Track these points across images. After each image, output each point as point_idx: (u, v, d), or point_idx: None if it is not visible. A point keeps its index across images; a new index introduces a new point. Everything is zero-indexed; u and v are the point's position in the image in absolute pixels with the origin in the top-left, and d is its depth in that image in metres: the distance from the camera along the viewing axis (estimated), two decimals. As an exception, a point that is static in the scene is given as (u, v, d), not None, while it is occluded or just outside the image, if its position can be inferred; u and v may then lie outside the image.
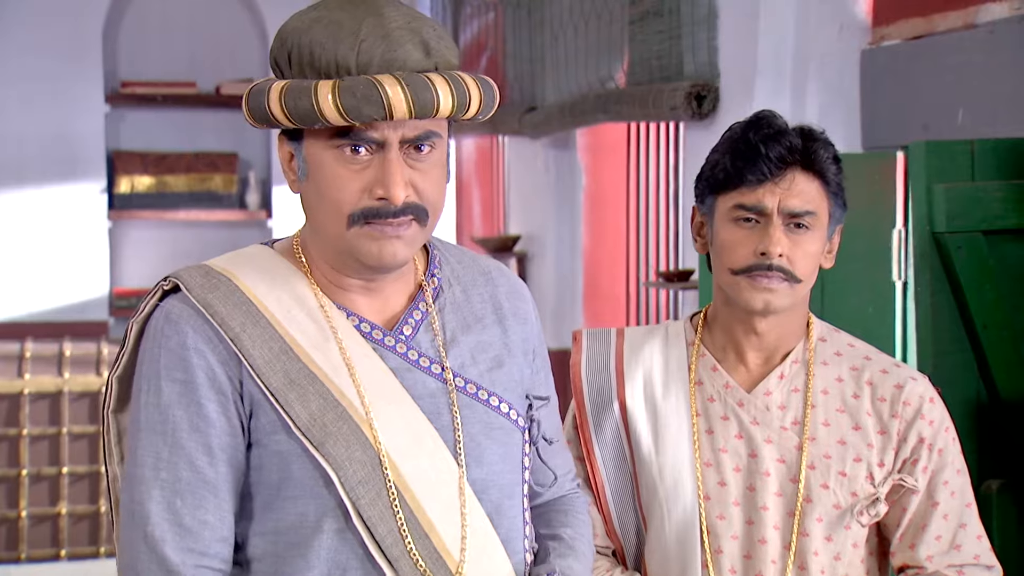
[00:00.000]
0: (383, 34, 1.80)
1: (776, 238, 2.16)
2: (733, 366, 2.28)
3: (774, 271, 2.17)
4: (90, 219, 7.70)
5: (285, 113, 1.80)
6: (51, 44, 7.52)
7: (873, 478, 2.21)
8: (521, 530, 1.96)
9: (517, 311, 2.04)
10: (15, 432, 5.40)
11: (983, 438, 2.90)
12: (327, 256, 1.91)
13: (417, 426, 1.88)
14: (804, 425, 2.22)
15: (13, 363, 5.52)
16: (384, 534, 1.82)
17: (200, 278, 1.90)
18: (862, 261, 3.20)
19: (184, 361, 1.84)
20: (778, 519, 2.21)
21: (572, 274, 5.88)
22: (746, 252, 2.18)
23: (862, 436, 2.22)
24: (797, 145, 2.18)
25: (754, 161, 2.17)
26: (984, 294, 2.86)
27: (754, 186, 2.17)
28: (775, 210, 2.17)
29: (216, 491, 1.84)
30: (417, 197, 1.84)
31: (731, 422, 2.25)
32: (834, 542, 2.21)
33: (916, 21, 3.56)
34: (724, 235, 2.21)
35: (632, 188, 5.42)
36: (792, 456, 2.21)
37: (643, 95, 4.42)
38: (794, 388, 2.25)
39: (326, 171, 1.84)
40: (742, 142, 2.20)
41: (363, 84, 1.77)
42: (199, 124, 7.94)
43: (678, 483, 2.23)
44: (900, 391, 2.23)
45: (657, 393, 2.28)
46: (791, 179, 2.17)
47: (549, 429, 2.06)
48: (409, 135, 1.82)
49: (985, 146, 2.93)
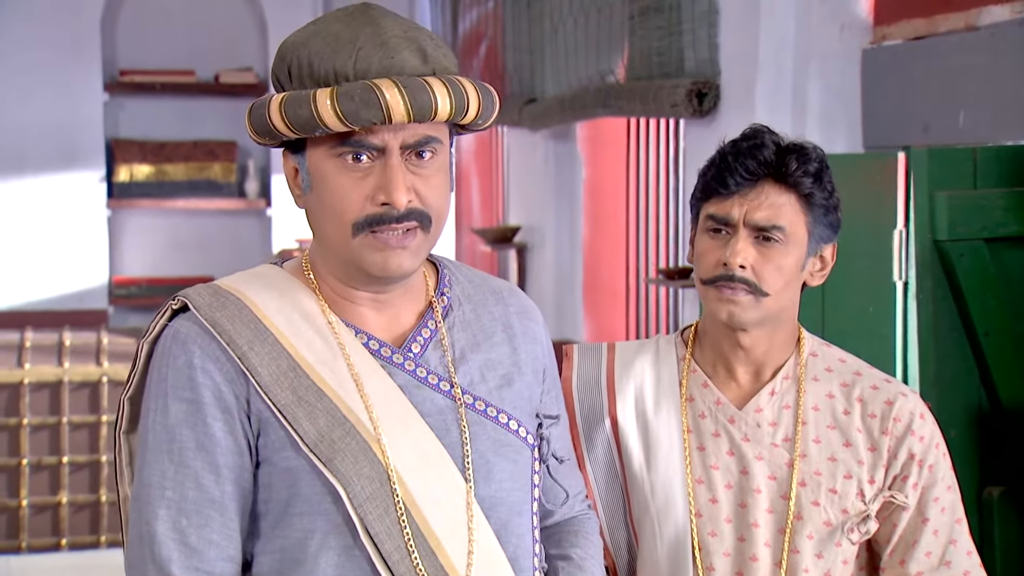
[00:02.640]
0: (380, 42, 1.82)
1: (738, 249, 2.16)
2: (724, 382, 2.28)
3: (737, 283, 2.17)
4: (89, 208, 7.70)
5: (286, 122, 1.82)
6: (50, 33, 7.52)
7: (864, 495, 2.21)
8: (530, 548, 1.97)
9: (527, 330, 2.04)
10: (15, 422, 5.41)
11: (984, 445, 2.90)
12: (334, 269, 1.92)
13: (425, 443, 1.88)
14: (795, 442, 2.23)
15: (13, 353, 5.52)
16: (391, 550, 1.83)
17: (208, 297, 1.91)
18: (863, 261, 3.20)
19: (191, 380, 1.85)
20: (769, 536, 2.21)
21: (571, 265, 5.88)
22: (713, 262, 2.19)
23: (852, 453, 2.22)
24: (769, 159, 2.17)
25: (727, 172, 2.17)
26: (986, 301, 2.86)
27: (724, 197, 2.18)
28: (740, 221, 2.17)
29: (222, 510, 1.85)
30: (420, 203, 1.85)
31: (722, 439, 2.25)
32: (824, 559, 2.21)
33: (917, 22, 3.56)
34: (698, 245, 2.23)
35: (632, 183, 5.42)
36: (783, 473, 2.22)
37: (643, 90, 4.42)
38: (785, 405, 2.25)
39: (328, 181, 1.85)
40: (722, 154, 2.21)
41: (361, 88, 1.79)
42: (198, 112, 7.94)
43: (669, 500, 2.24)
44: (891, 407, 2.22)
45: (648, 409, 2.28)
46: (762, 192, 2.17)
47: (559, 448, 2.06)
48: (409, 141, 1.83)
49: (987, 153, 2.93)
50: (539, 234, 6.17)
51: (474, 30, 7.01)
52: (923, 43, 3.52)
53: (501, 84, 6.38)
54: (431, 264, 2.03)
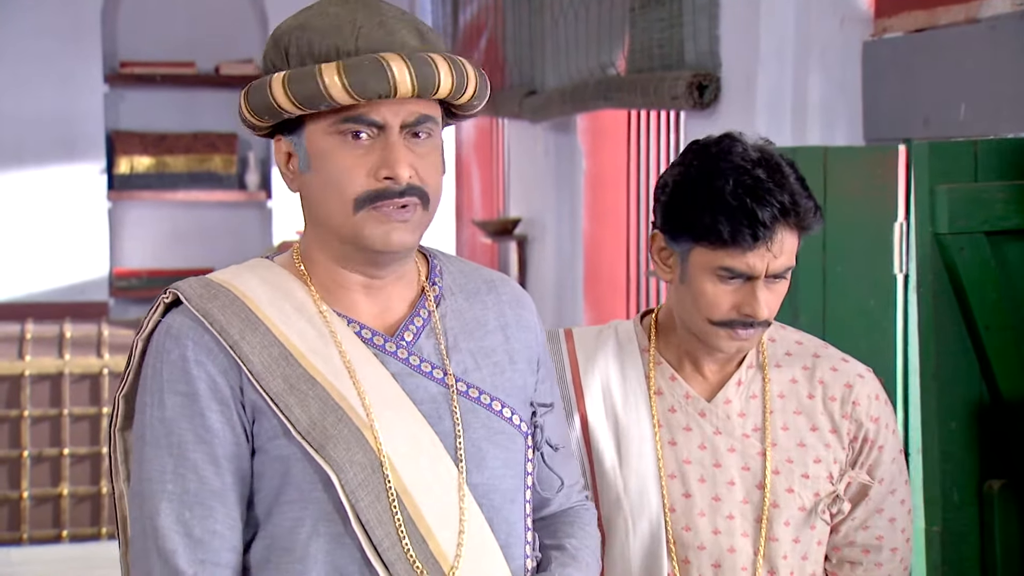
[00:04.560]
0: (379, 22, 1.86)
1: (762, 300, 2.15)
2: (690, 374, 2.29)
3: (758, 326, 2.18)
4: (90, 200, 7.70)
5: (290, 99, 1.83)
6: (50, 24, 7.51)
7: (832, 476, 2.25)
8: (522, 536, 1.98)
9: (520, 319, 2.05)
10: (16, 413, 5.41)
11: (985, 439, 2.90)
12: (330, 252, 1.93)
13: (417, 430, 1.89)
14: (765, 431, 2.25)
15: (14, 345, 5.52)
16: (382, 537, 1.84)
17: (200, 289, 1.92)
18: (863, 254, 3.20)
19: (186, 374, 1.86)
20: (747, 526, 2.23)
21: (572, 258, 5.88)
22: (728, 308, 2.17)
23: (819, 437, 2.26)
24: (787, 204, 2.12)
25: (747, 226, 2.11)
26: (986, 295, 2.86)
27: (744, 249, 2.13)
28: (763, 273, 2.15)
29: (224, 500, 1.86)
30: (419, 180, 1.87)
31: (694, 433, 2.26)
32: (801, 543, 2.24)
33: (918, 14, 3.55)
34: (705, 286, 2.18)
35: (632, 175, 5.42)
36: (756, 463, 2.24)
37: (644, 83, 4.41)
38: (752, 395, 2.27)
39: (329, 158, 1.87)
40: (729, 198, 2.12)
41: (369, 60, 1.81)
42: (198, 104, 7.94)
43: (643, 496, 2.24)
44: (850, 391, 2.27)
45: (617, 404, 2.28)
46: (779, 239, 2.14)
47: (554, 435, 2.07)
48: (408, 119, 1.86)
49: (988, 147, 2.93)
50: (539, 226, 6.17)
51: (474, 22, 7.00)
52: (924, 35, 3.51)
53: (501, 76, 6.38)
54: (422, 255, 2.04)
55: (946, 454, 2.89)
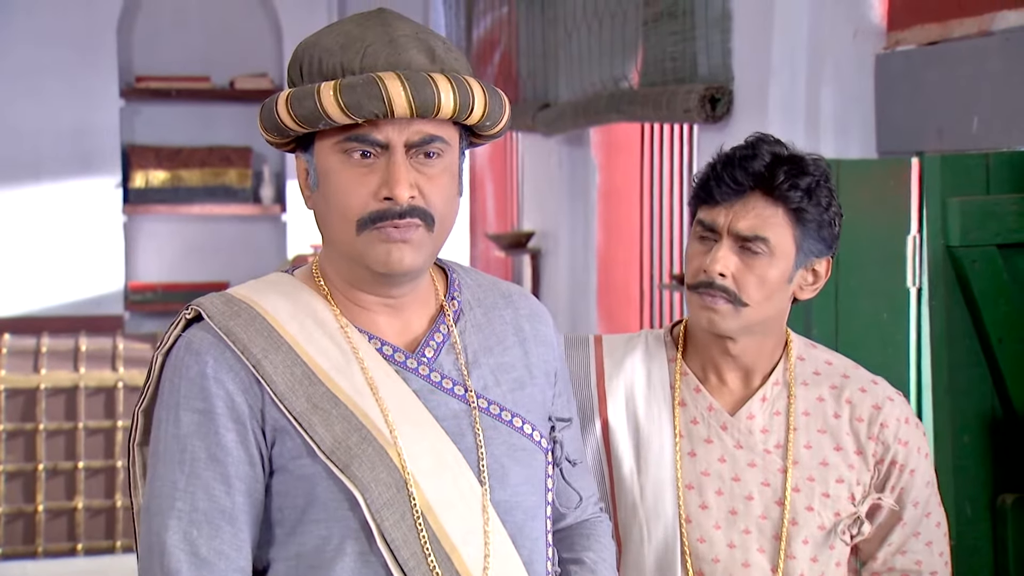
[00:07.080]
0: (389, 40, 1.84)
1: (718, 256, 2.17)
2: (715, 387, 2.29)
3: (716, 290, 2.18)
4: (105, 213, 7.73)
5: (292, 116, 1.84)
6: (65, 39, 7.55)
7: (854, 498, 2.24)
8: (544, 552, 1.98)
9: (538, 334, 2.05)
10: (31, 427, 5.41)
11: (998, 452, 2.90)
12: (343, 271, 1.92)
13: (441, 448, 1.89)
14: (787, 448, 2.24)
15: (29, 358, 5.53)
16: (407, 557, 1.83)
17: (222, 305, 1.91)
18: (876, 267, 3.20)
19: (204, 391, 1.85)
20: (764, 542, 2.22)
21: (586, 271, 5.88)
22: (696, 267, 2.21)
23: (843, 457, 2.24)
24: (758, 170, 2.17)
25: (715, 181, 2.19)
26: (999, 308, 2.86)
27: (712, 205, 2.19)
28: (725, 230, 2.18)
29: (233, 521, 1.85)
30: (423, 202, 1.85)
31: (715, 445, 2.26)
32: (819, 562, 2.23)
33: (931, 27, 3.55)
34: (688, 249, 2.25)
35: (646, 188, 5.42)
36: (776, 480, 2.23)
37: (657, 96, 4.42)
38: (776, 411, 2.26)
39: (333, 177, 1.86)
40: (715, 163, 2.22)
41: (364, 80, 1.80)
42: (213, 118, 7.96)
43: (659, 504, 2.24)
44: (878, 412, 2.25)
45: (640, 411, 2.29)
46: (748, 203, 2.17)
47: (572, 451, 2.06)
48: (414, 139, 1.84)
49: (1000, 159, 2.93)
50: (553, 239, 6.17)
51: (488, 36, 7.01)
52: (937, 48, 3.51)
53: (515, 89, 6.39)
54: (440, 269, 2.04)
55: (959, 468, 2.89)
